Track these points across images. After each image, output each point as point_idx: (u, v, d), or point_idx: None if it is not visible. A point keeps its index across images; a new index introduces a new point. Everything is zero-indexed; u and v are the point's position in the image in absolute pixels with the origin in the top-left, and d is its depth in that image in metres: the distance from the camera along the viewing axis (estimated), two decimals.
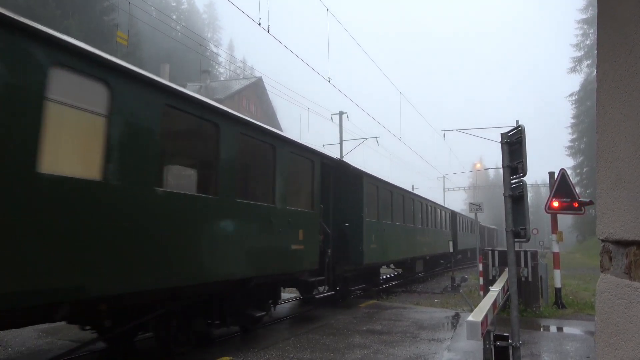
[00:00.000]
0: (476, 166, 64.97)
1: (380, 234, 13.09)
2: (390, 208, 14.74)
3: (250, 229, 7.21)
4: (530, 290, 10.53)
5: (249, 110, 44.11)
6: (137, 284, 5.04)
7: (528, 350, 6.95)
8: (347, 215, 11.61)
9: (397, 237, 15.08)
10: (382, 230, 13.26)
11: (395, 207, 15.16)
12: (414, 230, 17.48)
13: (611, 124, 1.38)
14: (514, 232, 4.62)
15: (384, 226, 13.57)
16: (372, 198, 13.43)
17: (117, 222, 4.79)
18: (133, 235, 4.98)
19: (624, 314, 1.27)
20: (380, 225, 13.22)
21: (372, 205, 13.98)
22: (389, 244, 14.04)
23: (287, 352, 6.81)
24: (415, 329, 8.71)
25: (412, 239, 17.04)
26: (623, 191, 1.31)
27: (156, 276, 5.29)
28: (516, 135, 4.69)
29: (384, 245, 13.44)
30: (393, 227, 14.63)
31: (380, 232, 13.04)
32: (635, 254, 1.26)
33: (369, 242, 12.03)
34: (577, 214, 11.89)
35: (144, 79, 5.28)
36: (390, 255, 14.53)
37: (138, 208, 5.08)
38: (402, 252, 15.75)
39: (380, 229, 13.18)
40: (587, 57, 53.98)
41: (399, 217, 15.72)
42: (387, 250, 13.92)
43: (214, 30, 71.24)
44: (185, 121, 6.65)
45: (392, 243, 14.37)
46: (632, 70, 1.29)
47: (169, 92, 5.71)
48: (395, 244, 14.85)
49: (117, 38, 22.79)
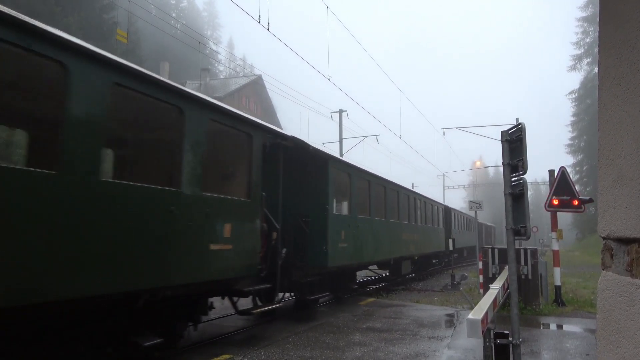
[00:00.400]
0: (476, 164, 64.92)
1: (354, 231, 11.19)
2: (367, 200, 12.78)
3: (133, 223, 5.12)
4: (530, 288, 10.54)
5: (248, 109, 44.09)
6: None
7: (528, 348, 6.96)
8: (308, 208, 9.85)
9: (377, 234, 13.13)
10: (355, 227, 11.33)
11: (374, 200, 13.08)
12: (399, 226, 15.35)
13: (613, 121, 1.37)
14: (514, 230, 4.61)
15: (358, 222, 11.63)
16: (343, 188, 11.85)
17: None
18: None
19: (626, 311, 1.27)
20: (353, 221, 11.31)
21: (343, 196, 12.53)
22: (366, 243, 12.18)
23: (287, 349, 6.81)
24: (415, 326, 8.71)
25: (396, 237, 14.93)
26: (625, 188, 1.30)
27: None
28: (516, 132, 4.69)
29: (358, 244, 11.53)
30: (371, 223, 12.70)
31: (353, 229, 11.16)
32: (637, 251, 1.26)
33: (337, 241, 10.17)
34: (577, 211, 11.89)
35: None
36: (368, 256, 12.49)
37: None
38: (383, 251, 13.77)
39: (354, 225, 11.26)
40: (587, 55, 53.94)
41: (379, 211, 13.84)
42: (363, 250, 11.96)
43: (214, 28, 71.15)
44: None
45: (369, 241, 12.48)
46: (634, 67, 1.29)
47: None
48: (374, 242, 12.93)
49: (116, 36, 22.77)
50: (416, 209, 18.26)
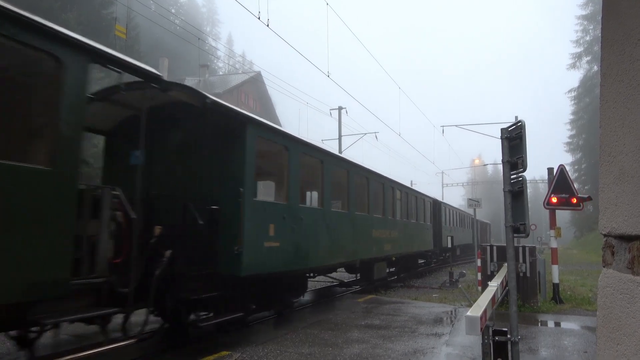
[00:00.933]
0: (475, 162, 64.99)
1: (293, 225, 8.43)
2: (320, 186, 10.15)
3: None
4: (528, 285, 10.57)
5: (247, 105, 44.03)
6: None
7: (526, 345, 6.98)
8: (217, 192, 7.27)
9: (333, 230, 10.26)
10: (296, 220, 8.56)
11: (330, 186, 10.26)
12: (369, 221, 12.57)
13: (615, 118, 1.36)
14: (513, 227, 4.62)
15: (301, 213, 8.88)
16: (276, 166, 9.31)
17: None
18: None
19: (626, 309, 1.27)
20: (292, 211, 8.49)
21: (277, 178, 9.68)
22: (314, 241, 9.34)
23: (286, 346, 6.82)
24: (414, 323, 8.73)
25: (364, 234, 12.17)
26: (626, 185, 1.30)
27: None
28: (516, 130, 4.68)
29: (301, 242, 8.76)
30: (323, 216, 9.90)
31: (291, 222, 8.39)
32: (638, 248, 1.25)
33: (260, 238, 7.40)
34: (576, 209, 11.91)
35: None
36: (318, 258, 9.59)
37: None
38: (344, 252, 10.91)
39: (293, 217, 8.46)
40: (587, 54, 53.93)
41: (337, 200, 11.61)
42: (310, 251, 9.12)
43: (213, 24, 70.99)
44: None
45: (321, 240, 9.65)
46: (637, 64, 1.28)
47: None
48: (329, 241, 10.07)
49: (115, 32, 22.67)
50: (395, 201, 15.40)
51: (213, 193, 7.28)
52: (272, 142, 8.26)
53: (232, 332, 7.71)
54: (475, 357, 6.23)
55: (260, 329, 8.22)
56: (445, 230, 24.83)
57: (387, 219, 14.25)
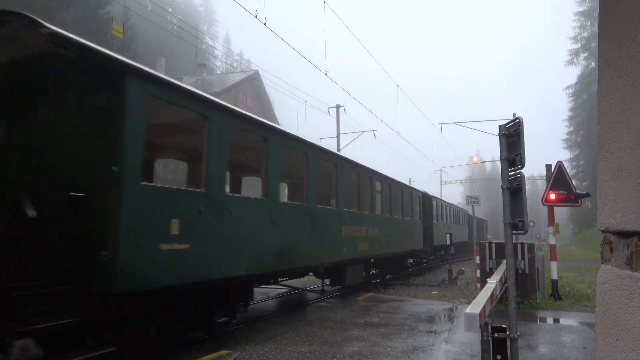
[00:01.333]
0: (473, 159, 65.11)
1: (210, 220, 6.35)
2: (263, 171, 8.08)
3: None
4: (527, 282, 10.59)
5: (245, 104, 43.99)
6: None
7: (525, 342, 6.99)
8: (80, 172, 5.36)
9: (279, 227, 8.05)
10: (218, 213, 6.50)
11: (275, 172, 8.06)
12: (336, 217, 10.52)
13: (612, 114, 1.36)
14: (512, 224, 4.62)
15: (229, 204, 6.79)
16: (185, 141, 7.77)
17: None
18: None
19: (625, 305, 1.27)
20: (211, 201, 6.40)
21: (183, 155, 8.04)
22: (249, 241, 7.18)
23: (285, 345, 6.82)
24: (413, 321, 8.74)
25: (329, 232, 10.11)
26: (624, 182, 1.30)
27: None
28: (514, 127, 4.68)
29: (225, 243, 6.65)
30: (263, 209, 7.70)
31: (208, 216, 6.30)
32: (637, 244, 1.25)
33: (152, 239, 5.37)
34: (574, 206, 11.94)
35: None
36: (254, 263, 7.36)
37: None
38: (300, 254, 8.88)
39: (213, 210, 6.41)
40: (584, 50, 53.95)
41: (294, 191, 10.25)
42: (241, 254, 7.02)
43: (210, 23, 70.87)
44: None
45: (258, 239, 7.45)
46: (634, 59, 1.28)
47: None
48: (275, 240, 7.95)
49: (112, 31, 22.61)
50: (374, 193, 13.39)
51: (79, 174, 5.30)
52: (178, 107, 5.99)
53: (231, 330, 7.71)
54: (474, 354, 6.24)
55: (259, 327, 8.22)
56: (438, 227, 23.36)
57: (362, 214, 12.20)
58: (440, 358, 6.24)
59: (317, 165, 9.69)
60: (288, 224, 8.46)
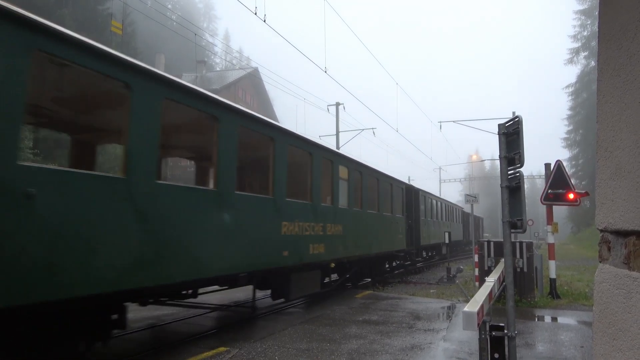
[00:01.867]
0: (472, 157, 65.14)
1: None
2: (123, 137, 5.57)
3: None
4: (525, 280, 10.61)
5: (245, 101, 43.93)
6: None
7: (523, 340, 7.01)
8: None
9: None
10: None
11: (139, 136, 5.42)
12: (267, 208, 8.01)
13: (612, 113, 1.36)
14: (510, 222, 4.62)
15: (30, 183, 4.12)
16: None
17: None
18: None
19: (623, 304, 1.27)
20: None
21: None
22: (86, 243, 4.66)
23: (284, 342, 6.83)
24: (411, 319, 8.76)
25: (253, 229, 7.49)
26: (623, 181, 1.30)
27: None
28: (513, 126, 4.68)
29: (33, 247, 4.13)
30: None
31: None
32: (635, 244, 1.25)
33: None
34: (573, 205, 11.95)
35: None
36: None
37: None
38: (212, 259, 6.51)
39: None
40: (584, 49, 53.97)
41: (202, 173, 8.60)
42: (64, 263, 4.41)
43: (210, 20, 70.76)
44: None
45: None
46: (634, 58, 1.28)
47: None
48: (169, 240, 5.76)
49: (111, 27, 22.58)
50: (337, 181, 10.76)
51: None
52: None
53: (230, 327, 7.72)
54: (472, 352, 6.25)
55: (259, 325, 8.23)
56: (427, 224, 21.09)
57: (317, 207, 9.54)
58: (439, 356, 6.25)
59: (233, 136, 7.07)
60: (172, 218, 5.79)
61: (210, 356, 6.06)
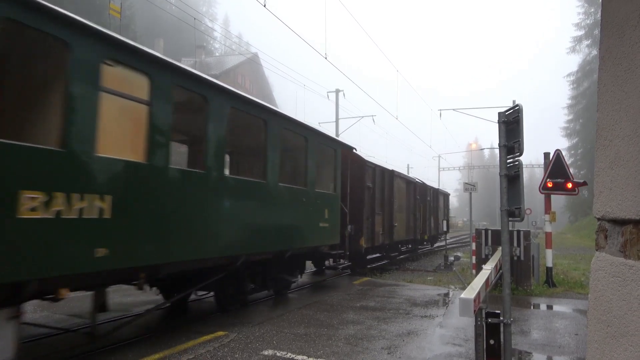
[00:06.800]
0: (471, 146, 65.04)
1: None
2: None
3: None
4: (522, 269, 10.69)
5: (244, 87, 43.67)
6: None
7: (518, 327, 7.09)
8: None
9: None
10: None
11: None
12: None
13: (612, 102, 1.36)
14: (508, 211, 4.64)
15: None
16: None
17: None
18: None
19: (618, 291, 1.28)
20: None
21: None
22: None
23: (282, 327, 6.90)
24: (408, 305, 8.83)
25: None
26: (621, 170, 1.30)
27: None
28: (513, 114, 4.67)
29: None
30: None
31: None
32: (632, 232, 1.26)
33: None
34: (571, 194, 11.96)
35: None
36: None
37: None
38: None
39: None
40: (587, 37, 53.50)
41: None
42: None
43: (210, 4, 69.79)
44: None
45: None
46: (635, 47, 1.27)
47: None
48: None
49: (109, 11, 22.29)
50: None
51: None
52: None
53: (228, 312, 7.79)
54: (467, 338, 6.32)
55: (257, 310, 8.30)
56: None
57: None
58: (435, 342, 6.32)
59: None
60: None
61: (209, 340, 6.12)
